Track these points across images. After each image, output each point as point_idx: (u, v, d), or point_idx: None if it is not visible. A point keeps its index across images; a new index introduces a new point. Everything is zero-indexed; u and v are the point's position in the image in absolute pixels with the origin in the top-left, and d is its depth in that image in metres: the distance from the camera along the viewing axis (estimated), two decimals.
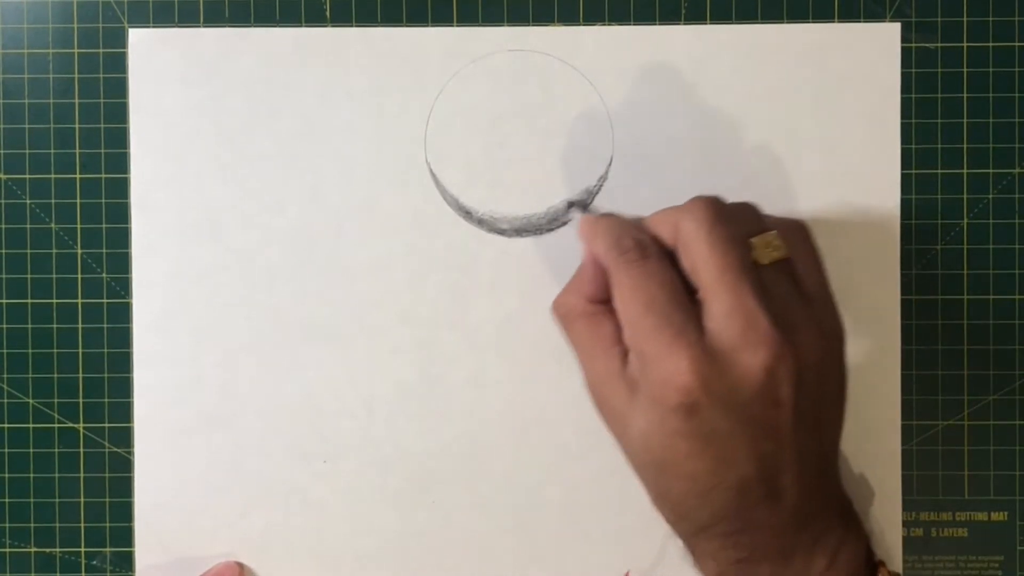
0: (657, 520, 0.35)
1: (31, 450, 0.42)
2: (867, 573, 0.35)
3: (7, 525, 0.42)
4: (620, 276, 0.34)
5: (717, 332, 0.32)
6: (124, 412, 0.42)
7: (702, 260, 0.33)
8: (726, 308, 0.32)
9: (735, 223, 0.34)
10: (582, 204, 0.41)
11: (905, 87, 0.41)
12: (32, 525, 0.42)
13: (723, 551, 0.33)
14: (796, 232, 0.35)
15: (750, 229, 0.34)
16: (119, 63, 0.42)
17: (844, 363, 0.35)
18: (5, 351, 0.42)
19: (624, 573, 0.41)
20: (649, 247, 0.34)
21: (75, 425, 0.42)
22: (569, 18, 0.42)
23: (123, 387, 0.42)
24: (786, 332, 0.32)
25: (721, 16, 0.41)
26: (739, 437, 0.32)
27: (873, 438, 0.41)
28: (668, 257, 0.34)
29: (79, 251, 0.42)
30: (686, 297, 0.33)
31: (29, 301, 0.42)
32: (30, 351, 0.42)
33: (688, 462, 0.32)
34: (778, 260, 0.34)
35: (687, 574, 0.35)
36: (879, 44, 0.41)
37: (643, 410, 0.33)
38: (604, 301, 0.35)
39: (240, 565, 0.41)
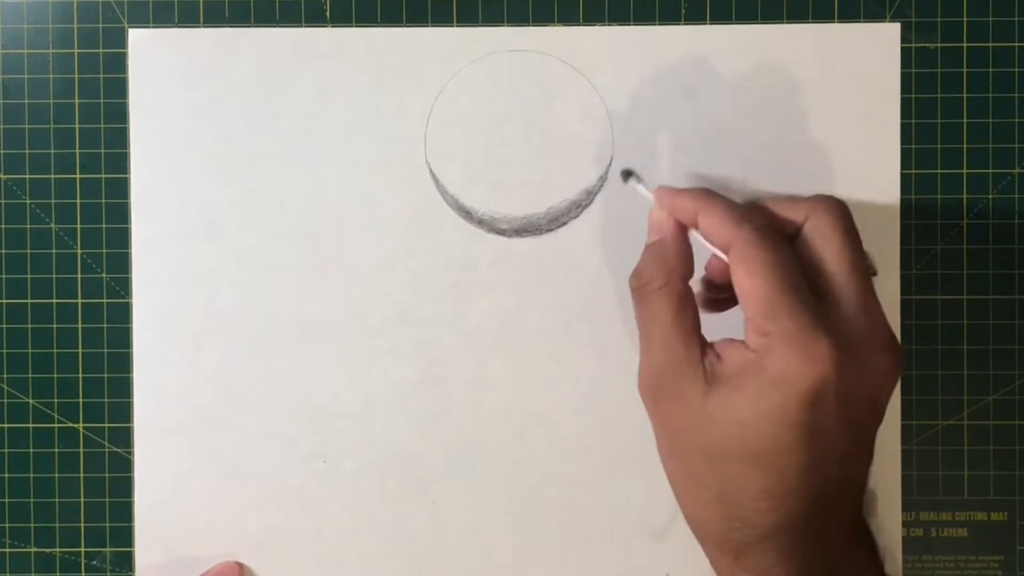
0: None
1: (31, 450, 0.42)
2: None
3: (7, 525, 0.42)
4: (755, 252, 0.32)
5: (847, 326, 0.32)
6: (124, 412, 0.42)
7: (835, 253, 0.33)
8: (855, 304, 0.32)
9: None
10: (635, 174, 0.40)
11: (905, 87, 0.41)
12: (32, 525, 0.42)
13: (776, 566, 0.32)
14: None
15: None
16: (119, 63, 0.42)
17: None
18: (5, 351, 0.42)
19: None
20: (777, 232, 0.34)
21: (75, 425, 0.42)
22: (569, 18, 0.42)
23: (123, 387, 0.42)
24: (896, 342, 0.33)
25: (721, 16, 0.41)
26: (839, 438, 0.31)
27: None
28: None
29: (79, 251, 0.42)
30: (806, 286, 0.33)
31: (29, 301, 0.42)
32: (30, 351, 0.42)
33: (786, 456, 0.31)
34: (873, 275, 0.34)
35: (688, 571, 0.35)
36: (879, 44, 0.41)
37: (750, 397, 0.31)
38: (687, 279, 0.34)
39: (240, 565, 0.41)
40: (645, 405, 0.34)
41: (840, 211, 0.33)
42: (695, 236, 0.35)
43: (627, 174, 0.40)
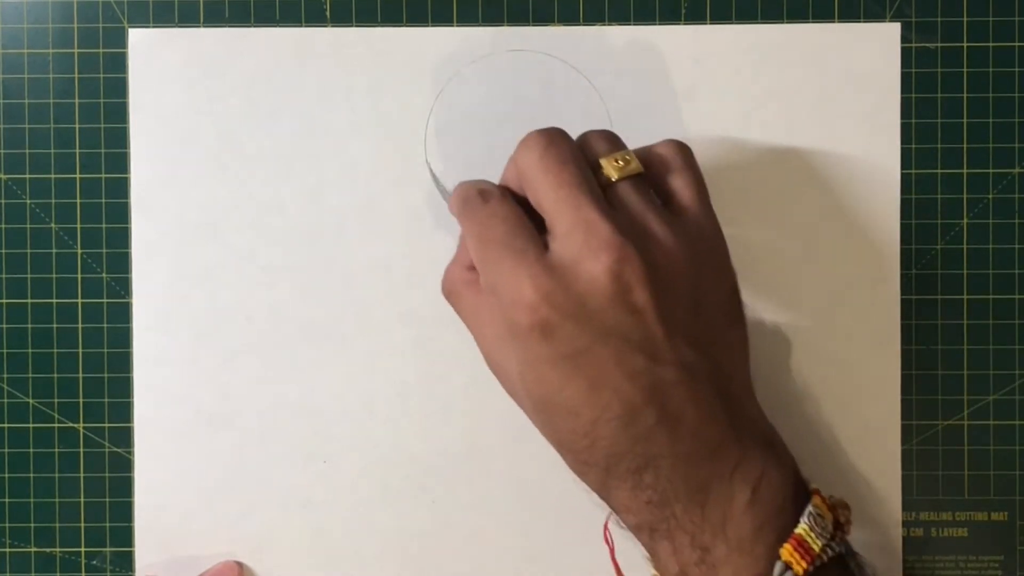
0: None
1: (31, 450, 0.42)
2: (797, 503, 0.32)
3: (7, 525, 0.42)
4: (464, 224, 0.34)
5: (559, 250, 0.32)
6: (124, 412, 0.42)
7: (538, 184, 0.33)
8: (566, 225, 0.32)
9: (573, 146, 0.34)
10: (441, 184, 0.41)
11: (905, 87, 0.41)
12: (32, 525, 0.42)
13: (632, 496, 0.32)
14: (674, 153, 0.35)
15: (601, 151, 0.34)
16: (119, 63, 0.42)
17: (730, 278, 0.34)
18: (5, 351, 0.42)
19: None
20: (491, 192, 0.34)
21: (75, 425, 0.42)
22: (569, 18, 0.42)
23: (123, 387, 0.42)
24: (639, 240, 0.32)
25: (721, 16, 0.41)
26: (604, 353, 0.31)
27: (873, 438, 0.41)
28: (517, 199, 0.34)
29: (79, 251, 0.42)
30: (531, 228, 0.33)
31: (29, 301, 0.42)
32: (30, 351, 0.42)
33: (563, 393, 0.31)
34: (631, 176, 0.34)
35: None
36: (879, 44, 0.41)
37: (512, 352, 0.32)
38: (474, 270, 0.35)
39: (240, 565, 0.41)
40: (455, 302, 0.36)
41: (535, 142, 0.33)
42: None
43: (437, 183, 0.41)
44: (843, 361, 0.41)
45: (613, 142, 0.35)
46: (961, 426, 0.42)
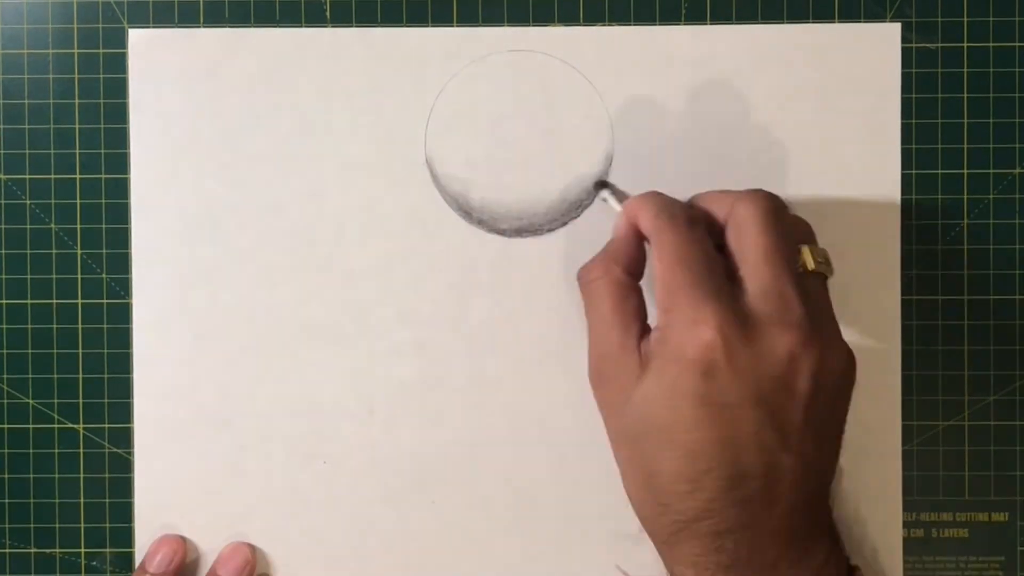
0: (635, 537, 0.34)
1: (31, 451, 0.42)
2: None
3: (7, 526, 0.42)
4: (663, 236, 0.34)
5: (751, 306, 0.33)
6: (124, 412, 0.42)
7: (750, 239, 0.34)
8: (765, 286, 0.33)
9: (789, 223, 0.35)
10: (611, 184, 0.41)
11: (905, 87, 0.41)
12: (32, 526, 0.42)
13: (705, 555, 0.32)
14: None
15: (802, 237, 0.35)
16: (119, 63, 0.42)
17: (848, 403, 0.35)
18: (5, 351, 0.42)
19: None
20: (697, 218, 0.35)
21: (75, 426, 0.42)
22: (569, 18, 0.42)
23: (123, 387, 0.42)
24: (818, 334, 0.33)
25: (721, 16, 0.41)
26: (747, 417, 0.32)
27: (873, 438, 0.41)
28: (714, 236, 0.35)
29: (79, 251, 0.42)
30: (725, 271, 0.34)
31: (29, 301, 0.42)
32: (30, 351, 0.42)
33: (691, 433, 0.32)
34: (822, 274, 0.35)
35: None
36: (879, 44, 0.41)
37: (655, 374, 0.33)
38: (635, 276, 0.35)
39: (250, 546, 0.41)
40: (594, 397, 0.35)
41: (763, 203, 0.34)
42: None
43: (600, 185, 0.41)
44: None
45: (811, 235, 0.36)
46: (962, 427, 0.42)
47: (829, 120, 0.41)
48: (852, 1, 0.41)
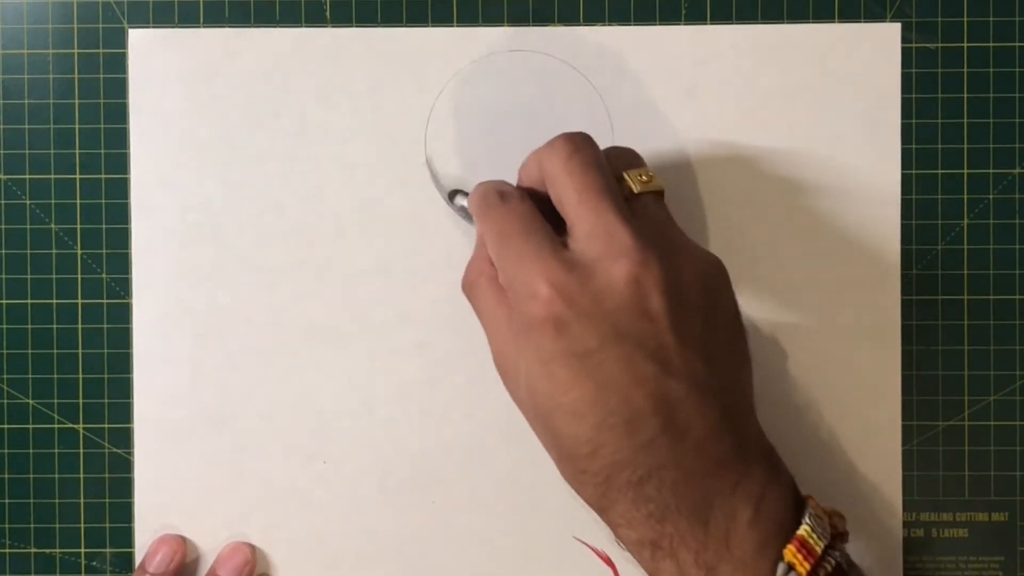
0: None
1: (31, 451, 0.42)
2: (797, 518, 0.32)
3: (7, 526, 0.42)
4: (484, 223, 0.35)
5: (579, 250, 0.32)
6: (124, 413, 0.42)
7: (562, 186, 0.33)
8: (588, 227, 0.32)
9: (599, 154, 0.34)
10: (462, 191, 0.41)
11: (905, 87, 0.41)
12: (32, 526, 0.42)
13: (634, 509, 0.31)
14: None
15: (624, 164, 0.35)
16: (119, 63, 0.42)
17: (733, 299, 0.34)
18: (5, 351, 0.42)
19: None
20: (510, 193, 0.35)
21: (75, 426, 0.42)
22: (569, 18, 0.42)
23: (123, 388, 0.42)
24: (658, 250, 0.32)
25: (721, 16, 0.41)
26: (614, 357, 0.31)
27: (873, 438, 0.41)
28: (537, 199, 0.35)
29: (79, 251, 0.42)
30: (549, 228, 0.33)
31: (29, 301, 0.42)
32: (30, 351, 0.42)
33: (570, 392, 0.31)
34: (652, 192, 0.34)
35: None
36: (879, 44, 0.41)
37: (523, 350, 0.32)
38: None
39: (251, 547, 0.41)
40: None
41: (561, 149, 0.34)
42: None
43: (454, 194, 0.41)
44: (843, 361, 0.41)
45: (635, 158, 0.36)
46: (962, 427, 0.42)
47: (829, 120, 0.41)
48: (852, 1, 0.41)
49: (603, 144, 0.41)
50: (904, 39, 0.41)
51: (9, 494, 0.42)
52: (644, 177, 0.35)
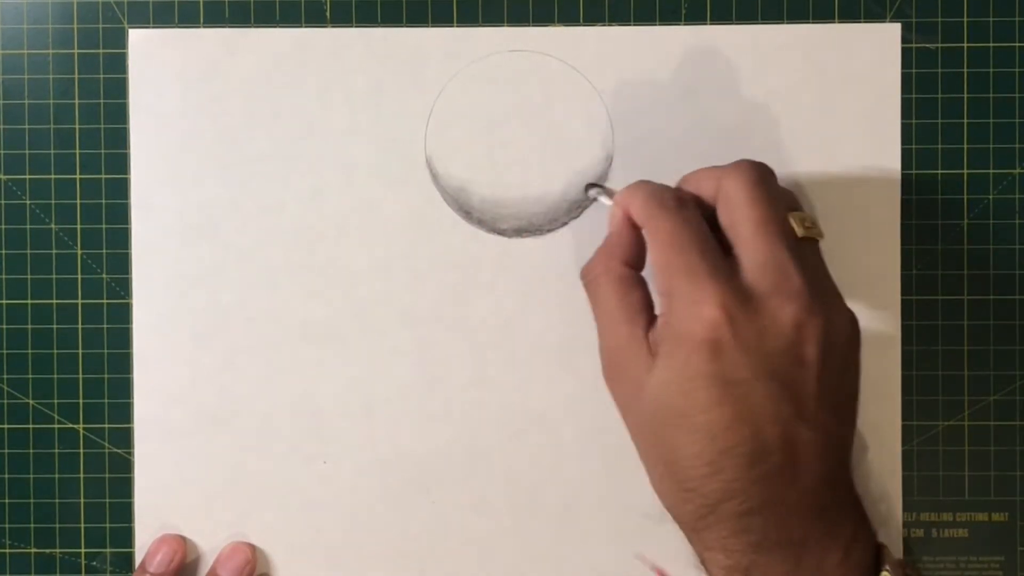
0: (658, 517, 0.34)
1: (31, 451, 0.42)
2: (875, 564, 0.34)
3: (7, 526, 0.42)
4: (656, 223, 0.34)
5: (750, 280, 0.32)
6: (124, 413, 0.42)
7: (741, 214, 0.33)
8: (761, 259, 0.33)
9: (779, 189, 0.35)
10: (601, 184, 0.41)
11: (905, 87, 0.41)
12: (32, 526, 0.42)
13: (734, 537, 0.32)
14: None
15: (789, 205, 0.35)
16: (119, 63, 0.42)
17: (859, 363, 0.35)
18: (5, 351, 0.42)
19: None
20: (687, 201, 0.35)
21: (75, 426, 0.42)
22: (569, 18, 0.42)
23: (123, 388, 0.42)
24: (820, 300, 0.33)
25: (721, 16, 0.41)
26: (761, 392, 0.32)
27: (873, 438, 0.41)
28: (705, 215, 0.35)
29: (79, 252, 0.42)
30: (720, 250, 0.33)
31: (29, 301, 0.42)
32: (30, 351, 0.42)
33: (706, 414, 0.32)
34: (812, 239, 0.35)
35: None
36: (879, 44, 0.41)
37: (664, 360, 0.33)
38: (635, 267, 0.36)
39: (251, 546, 0.41)
40: (609, 392, 0.35)
41: (749, 174, 0.34)
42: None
43: (590, 187, 0.41)
44: None
45: (795, 201, 0.37)
46: (962, 427, 0.42)
47: (829, 120, 0.41)
48: (852, 1, 0.41)
49: (602, 142, 0.41)
50: (904, 39, 0.41)
51: (9, 494, 0.42)
52: (808, 223, 0.35)
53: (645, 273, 0.36)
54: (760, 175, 0.34)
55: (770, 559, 0.32)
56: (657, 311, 0.35)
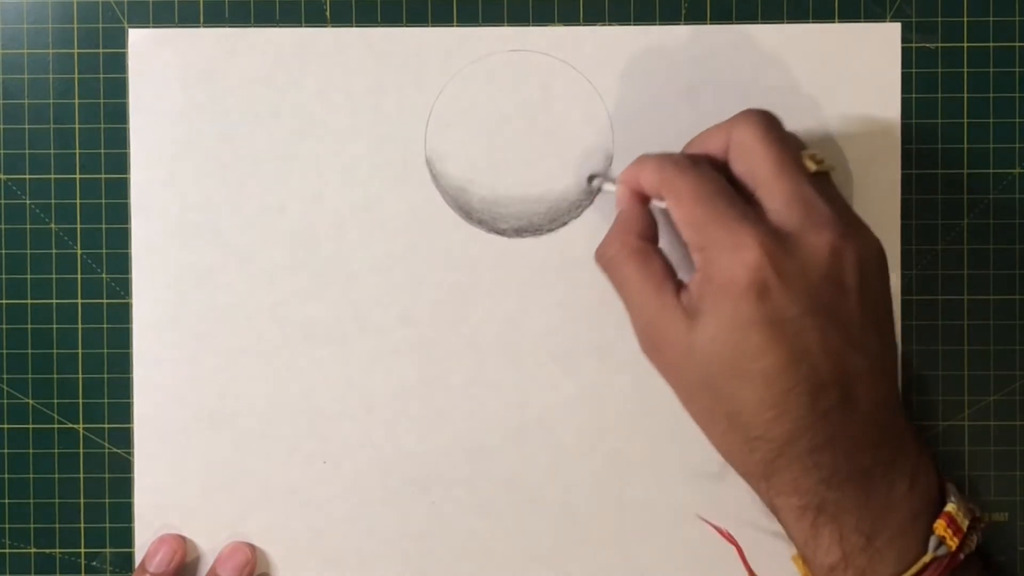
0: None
1: (31, 451, 0.42)
2: (940, 496, 0.34)
3: (7, 526, 0.42)
4: (675, 183, 0.34)
5: (779, 219, 0.33)
6: (124, 413, 0.42)
7: (759, 158, 0.34)
8: (786, 196, 0.33)
9: (786, 133, 0.35)
10: (602, 173, 0.41)
11: (905, 87, 0.41)
12: (32, 526, 0.42)
13: (805, 475, 0.33)
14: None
15: (799, 144, 0.36)
16: (119, 63, 0.42)
17: (890, 286, 0.35)
18: (5, 351, 0.42)
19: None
20: (701, 160, 0.35)
21: (75, 426, 0.42)
22: (569, 18, 0.42)
23: (123, 388, 0.42)
24: (850, 226, 0.33)
25: (721, 16, 0.41)
26: (810, 326, 0.32)
27: None
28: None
29: (79, 251, 0.42)
30: (742, 198, 0.34)
31: (29, 301, 0.42)
32: (30, 351, 0.42)
33: (762, 359, 0.32)
34: (823, 173, 0.35)
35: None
36: (879, 44, 0.41)
37: (709, 315, 0.33)
38: (651, 240, 0.36)
39: (251, 546, 0.41)
40: (652, 365, 0.35)
41: (759, 119, 0.35)
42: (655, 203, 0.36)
43: (591, 178, 0.41)
44: None
45: (801, 142, 0.37)
46: (962, 427, 0.42)
47: (829, 120, 0.41)
48: (852, 1, 0.41)
49: (602, 142, 0.41)
50: (904, 39, 0.41)
51: (9, 494, 0.42)
52: (818, 158, 0.35)
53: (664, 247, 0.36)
54: (769, 119, 0.35)
55: (841, 494, 0.33)
56: (681, 277, 0.35)
